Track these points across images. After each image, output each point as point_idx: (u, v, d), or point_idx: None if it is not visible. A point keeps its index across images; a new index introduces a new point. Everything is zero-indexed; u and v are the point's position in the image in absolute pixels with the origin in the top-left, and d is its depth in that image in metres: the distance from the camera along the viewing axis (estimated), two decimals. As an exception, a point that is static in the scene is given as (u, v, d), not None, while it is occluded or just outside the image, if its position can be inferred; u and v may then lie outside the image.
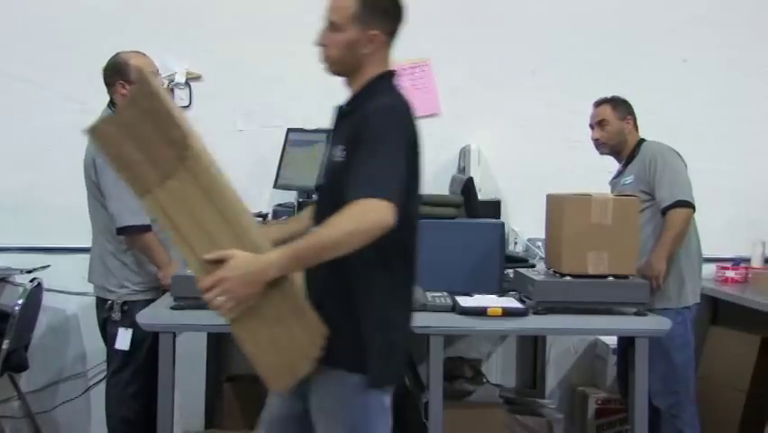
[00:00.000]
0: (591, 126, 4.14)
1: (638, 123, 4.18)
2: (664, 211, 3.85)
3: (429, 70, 4.91)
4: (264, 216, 4.23)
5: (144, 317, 3.26)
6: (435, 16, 4.88)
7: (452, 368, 4.51)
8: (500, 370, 4.98)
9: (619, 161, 4.16)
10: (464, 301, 3.38)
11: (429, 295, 3.45)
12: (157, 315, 3.29)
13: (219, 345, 4.67)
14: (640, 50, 4.94)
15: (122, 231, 3.72)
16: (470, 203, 4.16)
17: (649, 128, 4.23)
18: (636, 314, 3.39)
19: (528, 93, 4.95)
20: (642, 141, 4.09)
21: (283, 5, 4.84)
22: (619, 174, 4.13)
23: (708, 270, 4.88)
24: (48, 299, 4.64)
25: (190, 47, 4.80)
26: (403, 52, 4.82)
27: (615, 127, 4.06)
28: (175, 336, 3.26)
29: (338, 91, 4.75)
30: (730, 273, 4.80)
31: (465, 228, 3.80)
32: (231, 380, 4.54)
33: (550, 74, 4.94)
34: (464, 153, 4.72)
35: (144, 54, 3.89)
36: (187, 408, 4.70)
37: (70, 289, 4.64)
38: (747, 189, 4.96)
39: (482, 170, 4.82)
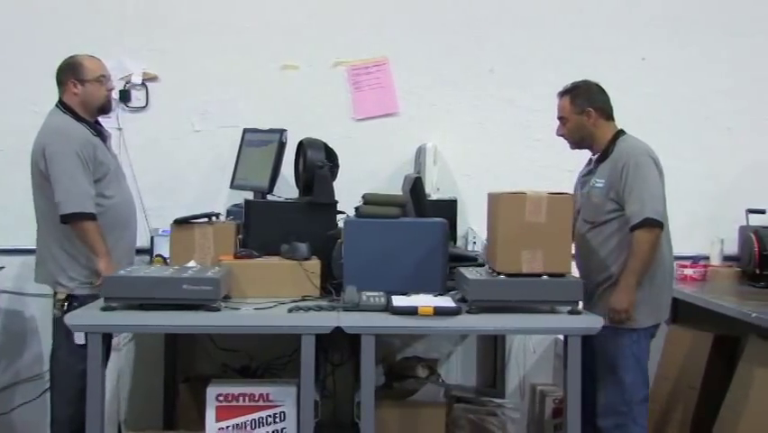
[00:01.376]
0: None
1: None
2: (632, 229, 3.56)
3: (387, 69, 4.91)
4: (216, 216, 4.22)
5: (73, 318, 3.27)
6: (394, 15, 4.90)
7: (406, 367, 4.52)
8: (460, 369, 4.97)
9: (594, 154, 3.86)
10: (398, 301, 3.37)
11: (365, 295, 3.44)
12: (86, 315, 3.29)
13: (176, 346, 4.67)
14: (599, 49, 4.92)
15: (66, 218, 3.74)
16: (418, 202, 4.15)
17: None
18: (570, 312, 3.37)
19: (487, 92, 4.95)
20: (620, 134, 3.79)
21: (239, 6, 4.86)
22: (591, 172, 3.83)
23: (667, 268, 4.87)
24: (4, 302, 4.65)
25: (147, 48, 4.81)
26: (361, 51, 4.92)
27: (573, 123, 3.78)
28: (109, 337, 3.26)
29: (293, 93, 4.83)
30: (689, 271, 4.78)
31: (408, 228, 3.79)
32: (187, 381, 4.54)
33: (508, 73, 4.93)
34: (420, 153, 4.71)
35: (98, 59, 3.99)
36: (148, 408, 4.73)
37: (26, 290, 4.64)
38: (706, 187, 4.95)
39: (441, 170, 4.83)
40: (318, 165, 4.08)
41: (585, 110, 3.75)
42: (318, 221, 3.99)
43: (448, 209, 4.58)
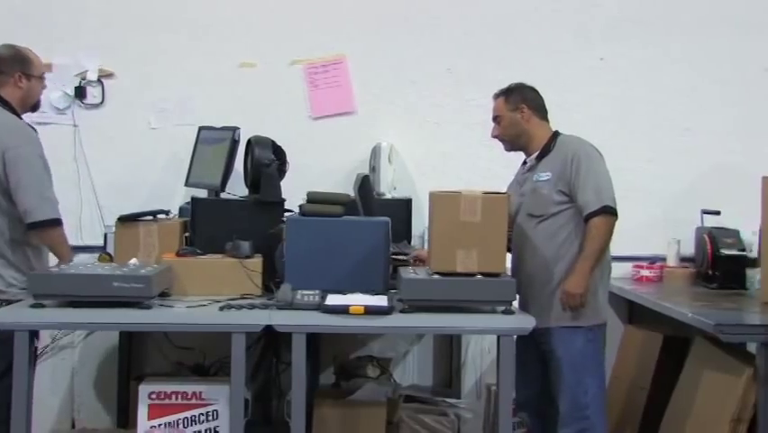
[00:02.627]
0: None
1: (554, 118, 3.92)
2: (588, 218, 3.51)
3: (344, 68, 4.90)
4: (166, 213, 4.23)
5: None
6: (351, 14, 4.89)
7: (357, 367, 4.51)
8: (417, 369, 4.96)
9: (528, 155, 3.81)
10: (332, 300, 3.36)
11: (300, 293, 3.43)
12: (12, 313, 3.29)
13: (131, 343, 4.67)
14: (557, 49, 4.91)
15: (37, 225, 3.65)
16: (366, 201, 4.15)
17: (566, 126, 4.06)
18: (504, 312, 3.36)
19: (445, 91, 4.93)
20: (557, 134, 3.77)
21: (196, 3, 4.87)
22: (531, 169, 3.75)
23: (625, 268, 4.88)
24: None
25: (103, 44, 4.80)
26: (318, 50, 4.91)
27: (507, 120, 3.74)
28: (35, 335, 3.25)
29: (250, 91, 4.82)
30: (645, 272, 4.78)
31: (350, 226, 3.78)
32: (139, 378, 4.53)
33: (466, 72, 4.92)
34: (375, 152, 4.70)
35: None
36: (102, 406, 4.74)
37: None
38: (664, 188, 4.94)
39: (398, 168, 4.82)
40: (265, 163, 4.07)
41: (518, 107, 3.74)
42: (265, 219, 3.98)
43: (403, 208, 4.59)
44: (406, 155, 4.90)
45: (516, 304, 3.52)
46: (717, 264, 4.46)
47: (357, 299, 3.37)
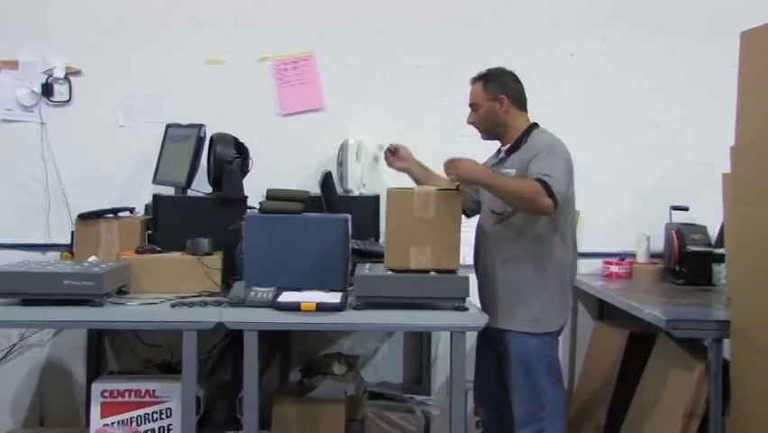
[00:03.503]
0: None
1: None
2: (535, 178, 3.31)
3: (313, 65, 4.88)
4: (131, 210, 4.23)
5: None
6: (320, 10, 4.88)
7: (323, 364, 4.49)
8: (387, 366, 4.95)
9: (504, 145, 3.68)
10: (285, 297, 3.36)
11: (254, 290, 3.43)
12: None
13: (100, 342, 4.66)
14: (526, 44, 4.89)
15: None
16: (328, 198, 4.15)
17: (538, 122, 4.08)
18: (456, 309, 3.35)
19: (414, 87, 4.91)
20: (534, 126, 3.63)
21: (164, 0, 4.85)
22: (501, 161, 3.65)
23: (595, 265, 4.88)
24: None
25: (70, 41, 4.78)
26: (287, 46, 4.90)
27: (485, 109, 3.60)
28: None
29: (218, 88, 4.82)
30: (615, 268, 4.77)
31: (309, 224, 3.77)
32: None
33: (436, 68, 4.90)
34: (342, 149, 4.69)
35: None
36: (71, 404, 4.74)
37: None
38: (635, 184, 4.92)
39: (367, 165, 4.81)
40: (227, 160, 4.07)
41: (497, 97, 3.59)
42: (227, 217, 3.96)
43: (371, 205, 4.56)
44: (376, 151, 4.87)
45: (471, 300, 3.49)
46: (685, 260, 4.45)
47: (310, 297, 3.36)
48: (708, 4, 4.89)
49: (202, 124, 4.41)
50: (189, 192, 4.33)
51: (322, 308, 3.28)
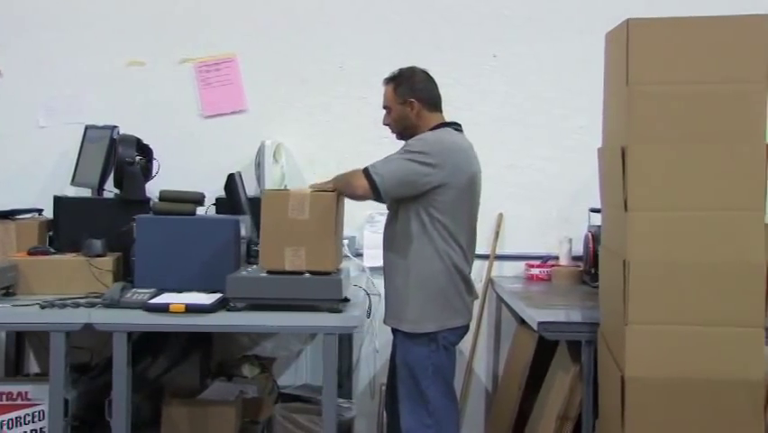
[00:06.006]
0: None
1: (448, 116, 3.72)
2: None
3: (235, 66, 4.87)
4: (39, 212, 4.23)
5: None
6: (243, 11, 4.87)
7: (234, 366, 4.48)
8: (310, 368, 4.92)
9: None
10: (160, 298, 3.34)
11: (133, 291, 3.42)
12: None
13: (19, 343, 4.67)
14: (450, 45, 4.85)
15: None
16: (232, 199, 4.14)
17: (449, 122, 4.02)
18: (330, 310, 3.33)
19: (337, 89, 4.89)
20: (438, 128, 3.55)
21: (85, 0, 4.85)
22: None
23: (519, 268, 4.83)
24: None
25: (-12, 43, 4.79)
26: (209, 48, 4.89)
27: (396, 113, 3.57)
28: None
29: (140, 89, 4.81)
30: (536, 271, 4.72)
31: (199, 225, 3.76)
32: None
33: (358, 70, 4.87)
34: (260, 150, 4.67)
35: None
36: None
37: None
38: (560, 186, 4.87)
39: (289, 167, 4.80)
40: (128, 162, 4.06)
41: (407, 100, 3.53)
42: (129, 218, 3.95)
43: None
44: (299, 153, 4.86)
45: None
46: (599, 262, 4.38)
47: (183, 298, 3.34)
48: (630, 5, 4.82)
49: (115, 126, 4.42)
50: (105, 194, 4.32)
51: (191, 309, 3.26)
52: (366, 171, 3.36)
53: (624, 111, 2.86)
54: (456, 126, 3.67)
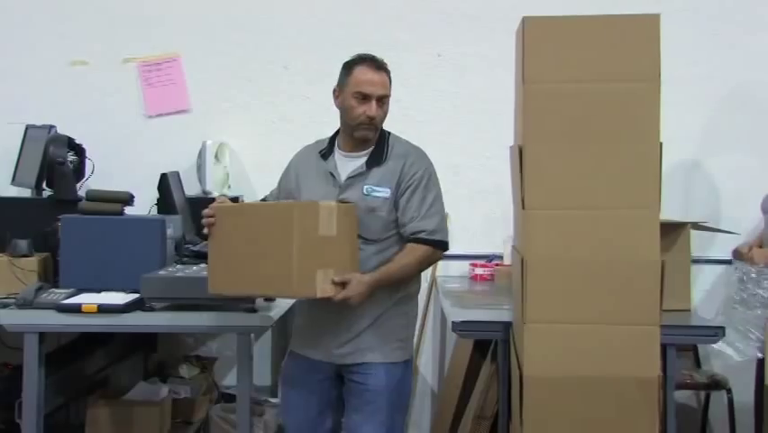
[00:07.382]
0: None
1: (392, 115, 3.42)
2: (421, 240, 3.02)
3: (179, 66, 4.86)
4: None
5: None
6: (186, 10, 4.86)
7: (173, 366, 4.47)
8: (258, 369, 4.90)
9: (354, 151, 3.19)
10: (73, 298, 3.33)
11: (50, 292, 3.41)
12: None
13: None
14: (393, 43, 4.82)
15: None
16: (164, 199, 4.13)
17: (405, 124, 3.81)
18: (246, 310, 3.31)
19: (282, 88, 4.89)
20: (387, 133, 3.19)
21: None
22: (359, 175, 3.10)
23: (463, 267, 4.81)
24: None
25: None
26: (152, 47, 4.88)
27: (388, 106, 3.20)
28: None
29: (82, 89, 4.80)
30: (479, 270, 4.71)
31: (125, 225, 3.74)
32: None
33: (302, 69, 4.86)
34: (202, 150, 4.66)
35: None
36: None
37: None
38: (502, 185, 4.81)
39: (233, 167, 4.79)
40: (59, 161, 4.05)
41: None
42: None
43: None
44: (244, 153, 4.86)
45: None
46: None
47: (97, 298, 3.33)
48: (571, 3, 4.81)
49: (53, 126, 4.41)
50: (45, 193, 4.32)
51: (104, 309, 3.24)
52: (443, 247, 3.11)
53: (521, 110, 2.84)
54: None
